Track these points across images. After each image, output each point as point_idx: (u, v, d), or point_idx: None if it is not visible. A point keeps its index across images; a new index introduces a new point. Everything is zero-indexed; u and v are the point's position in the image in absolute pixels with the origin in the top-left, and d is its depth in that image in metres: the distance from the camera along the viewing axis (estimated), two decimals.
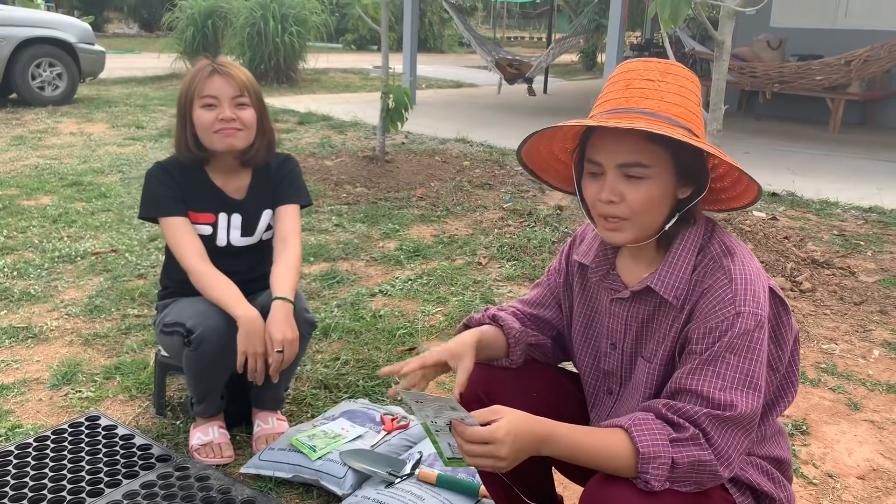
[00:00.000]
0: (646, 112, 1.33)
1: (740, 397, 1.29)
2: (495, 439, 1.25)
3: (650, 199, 1.35)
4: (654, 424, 1.31)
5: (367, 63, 17.23)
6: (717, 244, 1.40)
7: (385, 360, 2.89)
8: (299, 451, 2.13)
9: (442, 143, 7.68)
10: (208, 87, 2.14)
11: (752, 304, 1.31)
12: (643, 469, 1.28)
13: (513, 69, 9.43)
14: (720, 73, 4.11)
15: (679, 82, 1.36)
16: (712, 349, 1.31)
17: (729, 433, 1.30)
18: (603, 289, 1.55)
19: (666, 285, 1.40)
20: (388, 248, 4.27)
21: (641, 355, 1.49)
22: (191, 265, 2.19)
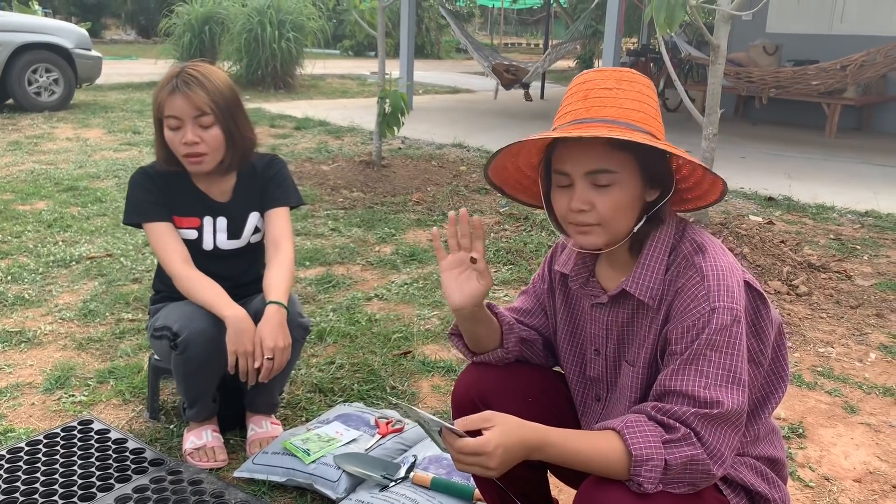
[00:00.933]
0: (606, 120, 1.35)
1: (725, 394, 1.29)
2: (485, 452, 1.24)
3: (619, 205, 1.36)
4: (646, 426, 1.30)
5: (365, 69, 17.25)
6: (688, 243, 1.40)
7: (380, 364, 2.88)
8: (293, 455, 2.11)
9: (439, 148, 7.68)
10: (170, 107, 2.09)
11: (726, 299, 1.31)
12: (636, 472, 1.27)
13: (509, 74, 9.45)
14: (716, 77, 4.11)
15: (635, 88, 1.38)
16: (692, 348, 1.31)
17: (719, 431, 1.30)
18: (584, 296, 1.55)
19: (640, 287, 1.41)
20: (384, 252, 4.26)
21: (625, 359, 1.49)
22: (175, 270, 2.17)
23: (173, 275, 2.17)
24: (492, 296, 3.62)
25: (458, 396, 1.63)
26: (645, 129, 1.34)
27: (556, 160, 1.39)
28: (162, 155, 2.20)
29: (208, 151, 2.13)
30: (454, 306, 1.50)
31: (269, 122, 8.85)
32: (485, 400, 1.59)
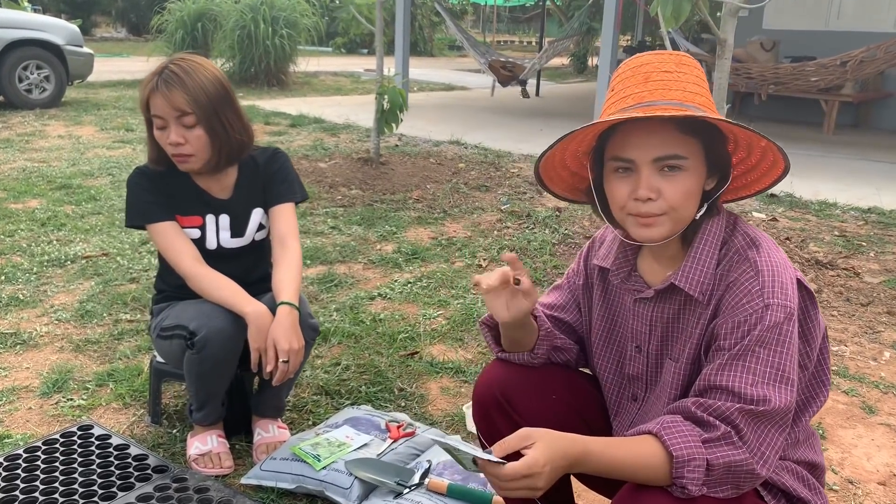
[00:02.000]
0: (674, 103, 1.28)
1: (773, 391, 1.23)
2: (534, 473, 1.17)
3: (687, 192, 1.30)
4: (683, 426, 1.24)
5: (358, 66, 17.15)
6: (740, 236, 1.35)
7: (387, 365, 2.81)
8: (303, 461, 2.04)
9: (436, 145, 7.60)
10: (154, 106, 2.01)
11: (780, 295, 1.26)
12: (678, 474, 1.21)
13: (506, 71, 9.38)
14: (722, 73, 4.05)
15: (694, 73, 1.33)
16: (742, 343, 1.25)
17: (763, 429, 1.24)
18: (625, 291, 1.49)
19: (690, 281, 1.35)
20: (385, 250, 4.19)
21: (668, 356, 1.43)
22: (187, 270, 2.10)
23: (186, 274, 2.10)
24: None
25: (481, 391, 1.57)
26: (710, 113, 1.28)
27: (616, 146, 1.32)
28: (153, 154, 2.13)
29: (193, 152, 2.05)
30: (502, 321, 1.45)
31: (263, 119, 8.76)
32: (507, 396, 1.53)
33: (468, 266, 3.95)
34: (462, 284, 3.66)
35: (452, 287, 3.63)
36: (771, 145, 1.31)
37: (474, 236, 4.47)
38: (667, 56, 1.32)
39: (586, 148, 1.43)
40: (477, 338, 3.08)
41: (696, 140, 1.29)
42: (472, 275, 3.81)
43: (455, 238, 4.42)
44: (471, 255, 4.12)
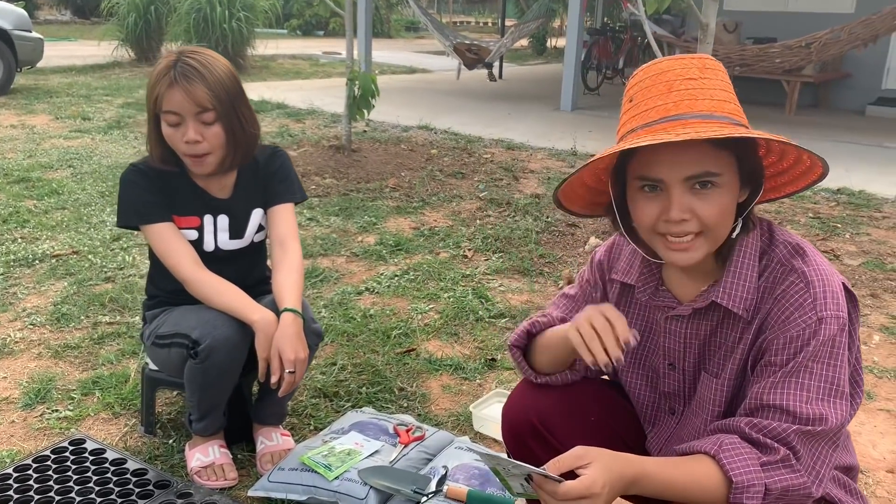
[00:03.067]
0: (703, 115, 1.20)
1: (829, 408, 1.20)
2: (592, 494, 1.12)
3: (722, 210, 1.23)
4: (741, 448, 1.20)
5: (315, 49, 16.85)
6: (781, 245, 1.29)
7: (384, 364, 2.74)
8: (314, 471, 1.96)
9: (405, 130, 7.50)
10: (169, 102, 1.89)
11: (832, 307, 1.21)
12: (736, 499, 1.17)
13: (472, 55, 9.28)
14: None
15: (719, 76, 1.25)
16: (796, 360, 1.21)
17: (818, 448, 1.21)
18: (654, 307, 1.42)
19: (733, 298, 1.28)
20: (367, 242, 4.10)
21: (705, 370, 1.37)
22: (187, 275, 2.00)
23: (186, 279, 1.99)
24: (486, 285, 3.50)
25: (516, 418, 1.50)
26: (740, 122, 1.22)
27: (642, 165, 1.23)
28: (158, 152, 2.00)
29: (211, 150, 1.95)
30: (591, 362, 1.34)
31: None
32: (546, 423, 1.47)
33: (453, 257, 3.89)
34: (450, 276, 3.60)
35: (440, 279, 3.56)
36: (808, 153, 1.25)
37: (456, 225, 4.40)
38: (689, 61, 1.23)
39: (605, 165, 1.34)
40: (472, 332, 3.03)
41: (728, 153, 1.22)
42: (458, 266, 3.76)
43: (437, 228, 4.35)
44: (455, 245, 4.05)
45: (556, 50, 19.49)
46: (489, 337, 2.98)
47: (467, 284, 3.51)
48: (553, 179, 5.51)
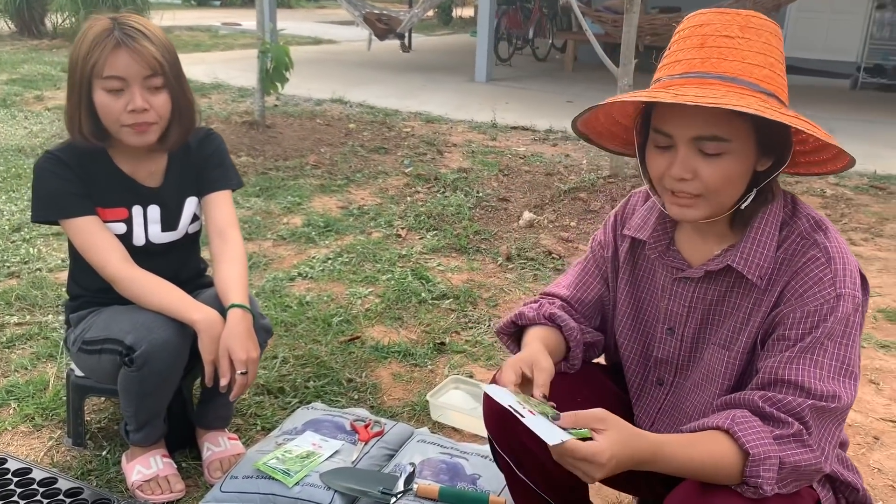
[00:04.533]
0: (725, 77, 1.16)
1: (841, 387, 1.18)
2: (596, 462, 1.09)
3: (728, 177, 1.19)
4: (754, 422, 1.17)
5: (212, 20, 16.14)
6: (804, 218, 1.26)
7: (328, 354, 2.60)
8: (271, 478, 1.83)
9: (318, 104, 7.26)
10: (112, 66, 1.69)
11: (850, 285, 1.19)
12: (753, 473, 1.13)
13: (382, 24, 9.05)
14: (630, 27, 4.03)
15: (762, 38, 1.18)
16: (812, 335, 1.18)
17: (827, 425, 1.18)
18: (661, 266, 1.38)
19: (750, 264, 1.25)
20: (294, 224, 3.91)
21: (711, 342, 1.33)
22: (115, 272, 1.80)
23: (114, 278, 1.80)
24: (424, 264, 3.39)
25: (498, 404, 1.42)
26: (769, 90, 1.16)
27: (658, 118, 1.21)
28: (88, 126, 1.77)
29: (157, 120, 1.77)
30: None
31: None
32: None
33: (387, 237, 3.76)
34: (386, 257, 3.47)
35: (376, 261, 3.44)
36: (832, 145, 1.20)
37: (385, 203, 4.27)
38: (732, 16, 1.17)
39: (632, 110, 1.32)
40: (416, 315, 2.92)
41: (744, 121, 1.16)
42: (392, 246, 3.63)
43: (365, 206, 4.20)
44: (387, 224, 3.92)
45: (461, 20, 19.39)
46: (435, 320, 2.88)
47: (405, 265, 3.40)
48: (476, 153, 5.43)
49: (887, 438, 2.24)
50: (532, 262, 3.45)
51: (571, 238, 3.71)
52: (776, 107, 1.15)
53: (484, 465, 1.91)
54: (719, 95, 1.12)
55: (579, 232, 3.78)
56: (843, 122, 6.91)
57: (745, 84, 1.16)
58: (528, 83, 8.94)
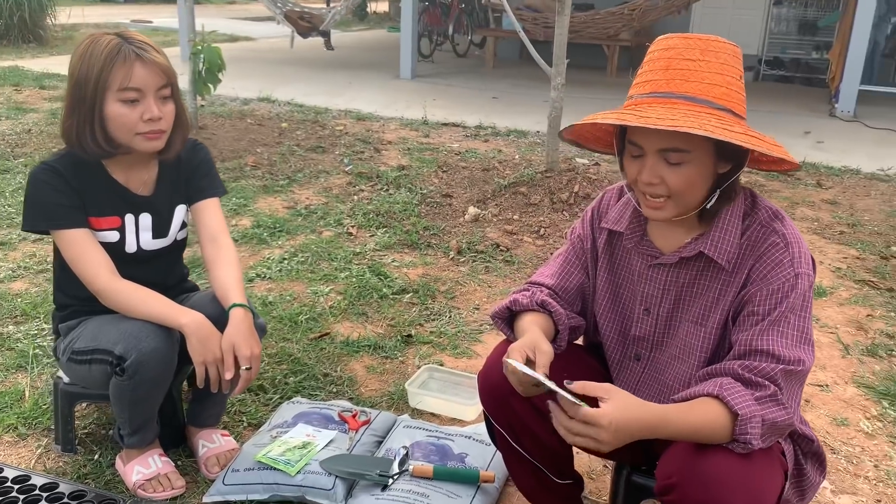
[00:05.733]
0: (686, 97, 1.35)
1: (803, 353, 1.38)
2: (599, 424, 1.26)
3: (690, 182, 1.39)
4: (738, 387, 1.35)
5: (121, 17, 15.65)
6: (763, 210, 1.47)
7: (301, 351, 2.70)
8: (274, 469, 1.93)
9: (245, 103, 7.23)
10: (131, 78, 1.77)
11: (805, 265, 1.41)
12: (742, 431, 1.31)
13: (304, 22, 9.04)
14: (562, 28, 4.24)
15: (720, 59, 1.37)
16: (777, 310, 1.38)
17: (793, 386, 1.38)
18: (637, 255, 1.57)
19: (719, 251, 1.45)
20: (243, 225, 3.96)
21: (685, 319, 1.52)
22: (103, 286, 1.86)
23: (101, 290, 1.86)
24: (379, 261, 3.52)
25: (497, 381, 1.58)
26: (725, 105, 1.35)
27: (630, 131, 1.41)
28: (101, 137, 1.82)
29: (167, 128, 1.87)
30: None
31: (36, 83, 7.77)
32: None
33: (338, 235, 3.86)
34: (340, 255, 3.57)
35: (332, 259, 3.53)
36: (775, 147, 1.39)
37: (331, 202, 4.36)
38: (695, 41, 1.37)
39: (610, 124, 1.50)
40: (380, 310, 3.05)
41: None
42: (345, 244, 3.74)
43: (312, 206, 4.28)
44: (336, 223, 4.02)
45: (376, 15, 19.41)
46: (398, 313, 3.02)
47: (361, 262, 3.51)
48: (413, 150, 5.56)
49: (816, 401, 2.52)
50: (482, 254, 3.62)
51: (516, 231, 3.90)
52: (729, 121, 1.34)
53: (469, 444, 2.07)
54: (679, 116, 1.31)
55: (522, 224, 3.97)
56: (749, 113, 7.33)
57: (702, 102, 1.35)
58: (452, 80, 9.12)
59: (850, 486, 2.10)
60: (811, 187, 5.00)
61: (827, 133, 6.69)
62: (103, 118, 1.80)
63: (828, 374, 2.69)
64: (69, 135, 1.85)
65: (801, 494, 1.54)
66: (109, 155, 1.88)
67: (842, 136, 6.62)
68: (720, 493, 1.29)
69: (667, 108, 1.34)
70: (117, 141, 1.84)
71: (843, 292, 3.36)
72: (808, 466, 1.53)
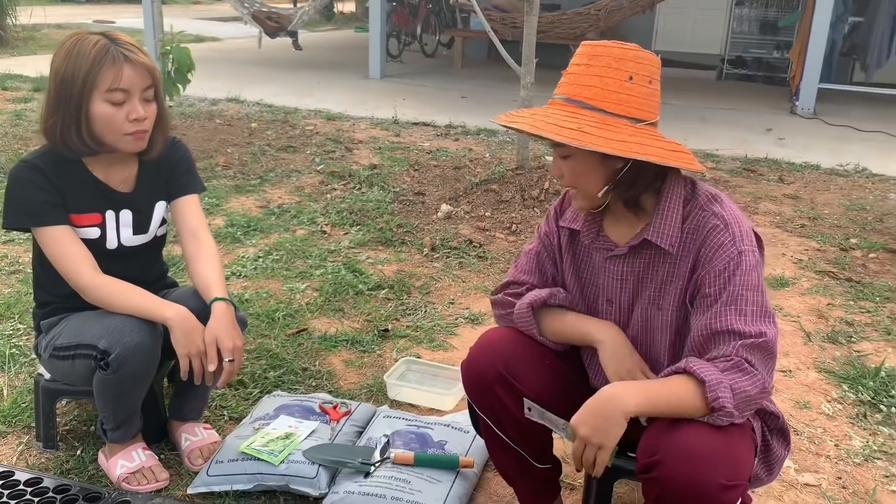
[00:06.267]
0: (563, 98, 1.49)
1: (764, 326, 1.45)
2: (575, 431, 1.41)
3: (577, 173, 1.53)
4: (704, 362, 1.43)
5: (82, 17, 15.46)
6: (702, 195, 1.55)
7: (279, 347, 2.73)
8: (257, 459, 1.97)
9: (214, 104, 7.22)
10: (119, 79, 1.80)
11: (748, 243, 1.49)
12: (713, 396, 1.38)
13: (272, 22, 9.02)
14: (531, 29, 4.31)
15: (602, 62, 1.47)
16: (728, 290, 1.45)
17: (761, 356, 1.44)
18: (595, 249, 1.65)
19: (661, 236, 1.53)
20: (217, 225, 3.97)
21: (644, 305, 1.60)
22: (86, 282, 1.88)
23: (84, 286, 1.88)
24: (354, 258, 3.56)
25: (484, 369, 1.63)
26: (597, 106, 1.45)
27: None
28: (88, 135, 1.85)
29: (150, 128, 1.90)
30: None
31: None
32: (511, 370, 1.63)
33: (312, 233, 3.89)
34: (315, 253, 3.61)
35: (307, 257, 3.57)
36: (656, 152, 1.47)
37: (304, 201, 4.38)
38: (586, 48, 1.49)
39: None
40: (356, 306, 3.09)
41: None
42: (320, 242, 3.77)
43: (285, 205, 4.31)
44: (310, 221, 4.05)
45: (343, 15, 19.38)
46: (374, 309, 3.06)
47: (336, 260, 3.55)
48: (384, 149, 5.61)
49: (780, 385, 2.62)
50: (455, 250, 3.68)
51: (488, 227, 3.97)
52: (600, 120, 1.43)
53: (448, 432, 2.12)
54: (555, 118, 1.45)
55: (494, 221, 4.04)
56: (713, 111, 7.56)
57: (575, 103, 1.47)
58: (421, 80, 9.17)
59: (812, 465, 2.20)
60: (773, 182, 5.15)
61: (788, 130, 6.87)
62: (89, 117, 1.82)
63: (791, 360, 2.79)
64: (52, 133, 1.87)
65: (769, 468, 1.62)
66: (94, 153, 1.90)
67: (802, 132, 6.81)
68: (703, 467, 1.35)
69: (549, 109, 1.49)
70: (103, 140, 1.86)
71: (805, 283, 3.48)
72: (774, 441, 1.61)
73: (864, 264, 3.72)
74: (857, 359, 2.80)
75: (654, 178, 1.53)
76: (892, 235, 4.10)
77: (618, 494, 1.99)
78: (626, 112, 1.45)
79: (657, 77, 1.50)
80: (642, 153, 1.41)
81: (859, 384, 2.60)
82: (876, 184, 5.23)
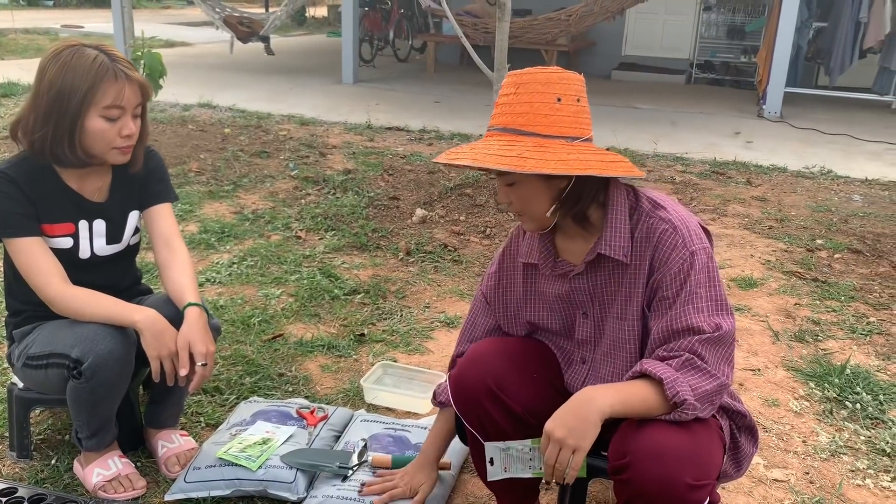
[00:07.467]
0: (497, 128, 1.52)
1: (720, 319, 1.50)
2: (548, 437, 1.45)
3: (524, 198, 1.56)
4: (657, 362, 1.49)
5: (50, 21, 15.26)
6: (645, 201, 1.59)
7: (255, 353, 2.74)
8: (235, 465, 1.97)
9: (185, 109, 7.17)
10: (117, 96, 1.81)
11: (698, 241, 1.53)
12: (673, 392, 1.43)
13: (244, 27, 9.01)
14: (503, 34, 4.36)
15: (530, 89, 1.50)
16: (684, 289, 1.50)
17: (719, 350, 1.50)
18: (557, 275, 1.69)
19: (614, 247, 1.57)
20: (190, 231, 3.96)
21: (610, 317, 1.64)
22: (53, 294, 1.88)
23: (52, 298, 1.88)
24: (329, 263, 3.57)
25: (474, 385, 1.66)
26: (529, 130, 1.48)
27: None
28: (80, 149, 1.86)
29: (135, 142, 1.93)
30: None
31: None
32: (500, 385, 1.67)
33: (286, 239, 3.89)
34: (290, 259, 3.61)
35: (281, 263, 3.57)
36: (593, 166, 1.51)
37: (278, 206, 4.38)
38: (512, 78, 1.52)
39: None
40: (332, 311, 3.10)
41: None
42: (294, 247, 3.77)
43: (259, 210, 4.30)
44: (284, 227, 4.05)
45: (315, 20, 19.33)
46: (350, 314, 3.08)
47: (311, 265, 3.55)
48: (358, 154, 5.62)
49: (749, 384, 2.67)
50: (430, 255, 3.71)
51: (463, 231, 4.00)
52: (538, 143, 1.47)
53: (425, 435, 2.13)
54: (494, 149, 1.47)
55: (469, 225, 4.07)
56: (682, 115, 7.67)
57: (510, 131, 1.50)
58: (394, 84, 9.19)
59: (781, 461, 2.25)
60: (741, 185, 5.24)
61: (756, 133, 7.00)
62: (83, 131, 1.83)
63: (759, 359, 2.85)
64: (41, 145, 1.86)
65: (738, 465, 1.66)
66: (84, 165, 1.91)
67: (770, 135, 6.93)
68: (671, 466, 1.39)
69: (487, 141, 1.51)
70: (92, 153, 1.88)
71: (773, 283, 3.55)
72: (742, 439, 1.66)
73: (829, 265, 3.80)
74: (824, 357, 2.87)
75: (598, 191, 1.57)
76: (857, 236, 4.20)
77: (592, 493, 2.03)
78: (560, 132, 1.49)
79: (584, 94, 1.55)
80: (583, 168, 1.45)
81: (825, 382, 2.67)
82: (841, 185, 5.35)
